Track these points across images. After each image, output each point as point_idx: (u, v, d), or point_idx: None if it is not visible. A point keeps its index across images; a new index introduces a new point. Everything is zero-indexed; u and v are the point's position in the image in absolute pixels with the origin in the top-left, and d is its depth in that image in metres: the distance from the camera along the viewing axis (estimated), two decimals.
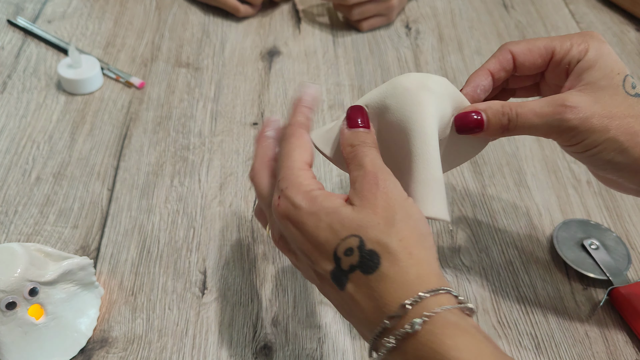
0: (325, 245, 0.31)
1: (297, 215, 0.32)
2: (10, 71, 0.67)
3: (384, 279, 0.30)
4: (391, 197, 0.32)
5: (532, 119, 0.37)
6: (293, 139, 0.35)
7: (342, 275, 0.31)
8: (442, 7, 0.80)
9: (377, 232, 0.30)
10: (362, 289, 0.30)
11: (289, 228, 0.33)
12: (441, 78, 0.38)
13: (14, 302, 0.40)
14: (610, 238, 0.52)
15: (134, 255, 0.50)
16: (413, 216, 0.32)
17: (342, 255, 0.30)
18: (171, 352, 0.44)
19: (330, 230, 0.31)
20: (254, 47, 0.72)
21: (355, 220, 0.31)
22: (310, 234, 0.31)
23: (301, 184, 0.33)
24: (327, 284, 0.32)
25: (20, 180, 0.56)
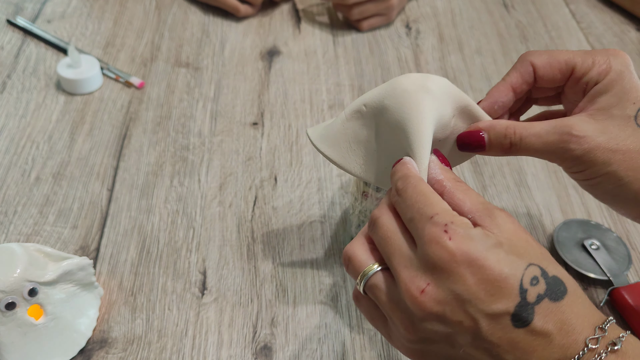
0: (510, 278, 0.28)
1: (477, 250, 0.29)
2: (9, 71, 0.66)
3: (575, 303, 0.29)
4: (526, 231, 0.31)
5: (535, 144, 0.37)
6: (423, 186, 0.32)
7: (527, 309, 0.28)
8: (442, 7, 0.80)
9: (547, 260, 0.30)
10: (552, 317, 0.29)
11: (462, 269, 0.29)
12: (441, 79, 0.38)
13: (13, 302, 0.40)
14: (610, 238, 0.51)
15: (133, 256, 0.50)
16: None
17: (529, 285, 0.29)
18: (171, 352, 0.44)
19: (511, 262, 0.29)
20: (254, 47, 0.72)
21: (521, 251, 0.29)
22: (493, 269, 0.28)
23: (464, 219, 0.30)
24: (497, 330, 0.29)
25: (19, 181, 0.55)
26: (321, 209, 0.55)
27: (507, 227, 0.30)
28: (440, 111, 0.37)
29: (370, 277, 0.32)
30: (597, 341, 0.29)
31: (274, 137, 0.61)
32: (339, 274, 0.50)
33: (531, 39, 0.75)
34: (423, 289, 0.29)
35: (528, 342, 0.29)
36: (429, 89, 0.37)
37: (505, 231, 0.30)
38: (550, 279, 0.29)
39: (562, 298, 0.29)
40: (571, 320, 0.29)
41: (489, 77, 0.69)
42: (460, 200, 0.32)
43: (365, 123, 0.40)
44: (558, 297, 0.29)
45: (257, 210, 0.54)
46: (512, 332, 0.29)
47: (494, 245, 0.29)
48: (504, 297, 0.28)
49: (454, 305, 0.29)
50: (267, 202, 0.55)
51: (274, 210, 0.54)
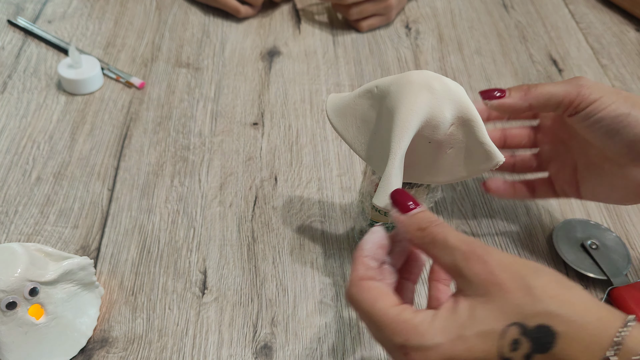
0: (487, 358, 0.27)
1: (442, 354, 0.27)
2: (10, 71, 0.67)
3: (570, 343, 0.26)
4: (506, 264, 0.28)
5: (550, 85, 0.40)
6: (365, 294, 0.31)
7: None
8: (442, 7, 0.80)
9: (526, 306, 0.27)
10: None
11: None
12: (454, 84, 0.38)
13: (14, 302, 0.40)
14: (610, 238, 0.52)
15: (134, 255, 0.50)
16: (535, 267, 0.29)
17: (510, 353, 0.27)
18: (171, 352, 0.45)
19: (482, 339, 0.27)
20: (254, 47, 0.72)
21: (497, 312, 0.27)
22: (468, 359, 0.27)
23: (416, 325, 0.29)
24: None
25: (20, 180, 0.56)
26: (321, 209, 0.55)
27: (477, 282, 0.28)
28: (435, 111, 0.37)
29: None
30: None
31: (274, 137, 0.61)
32: (339, 274, 0.50)
33: (530, 39, 0.75)
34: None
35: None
36: (432, 87, 0.37)
37: (476, 288, 0.28)
38: (534, 332, 0.27)
39: (552, 346, 0.27)
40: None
41: (489, 77, 0.70)
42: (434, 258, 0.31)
43: (373, 104, 0.40)
44: (548, 347, 0.27)
45: (257, 210, 0.54)
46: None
47: (458, 334, 0.28)
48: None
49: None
50: (267, 202, 0.55)
51: (274, 210, 0.55)
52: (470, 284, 0.28)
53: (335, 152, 0.60)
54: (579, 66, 0.72)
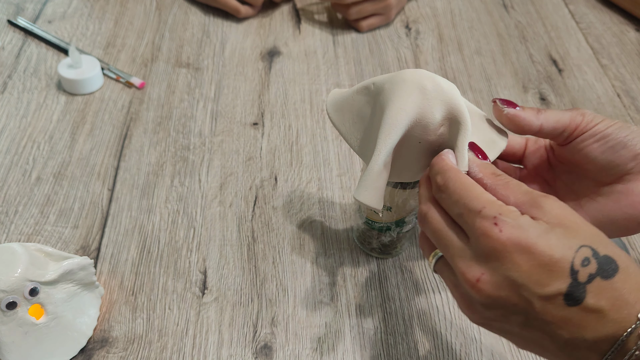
0: (561, 261, 0.30)
1: (528, 238, 0.31)
2: (10, 71, 0.67)
3: (628, 280, 0.30)
4: (575, 213, 0.33)
5: (556, 110, 0.41)
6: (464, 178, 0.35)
7: (579, 288, 0.30)
8: (442, 7, 0.80)
9: (599, 240, 0.31)
10: (605, 294, 0.30)
11: (515, 257, 0.31)
12: (447, 84, 0.38)
13: (14, 302, 0.40)
14: None
15: (134, 255, 0.50)
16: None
17: (580, 267, 0.30)
18: (171, 352, 0.45)
19: (562, 246, 0.30)
20: (254, 47, 0.72)
21: (573, 234, 0.31)
22: (544, 254, 0.30)
23: (511, 209, 0.32)
24: (551, 309, 0.31)
25: (20, 180, 0.56)
26: (321, 208, 0.55)
27: (555, 213, 0.32)
28: (424, 111, 0.37)
29: (437, 260, 0.36)
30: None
31: (274, 137, 0.61)
32: (339, 273, 0.50)
33: (530, 39, 0.75)
34: (478, 277, 0.32)
35: (581, 318, 0.30)
36: (424, 87, 0.37)
37: (554, 217, 0.32)
38: (601, 258, 0.30)
39: (613, 276, 0.30)
40: (624, 296, 0.30)
41: (489, 77, 0.70)
42: (503, 196, 0.34)
43: (369, 100, 0.41)
44: (610, 275, 0.30)
45: (257, 210, 0.54)
46: (564, 310, 0.30)
47: (543, 231, 0.31)
48: (556, 280, 0.30)
49: (509, 290, 0.31)
50: (267, 202, 0.55)
51: (274, 210, 0.55)
52: (548, 214, 0.32)
53: (335, 152, 0.60)
54: (578, 66, 0.72)
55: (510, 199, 0.33)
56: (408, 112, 0.37)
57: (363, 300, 0.48)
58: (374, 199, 0.39)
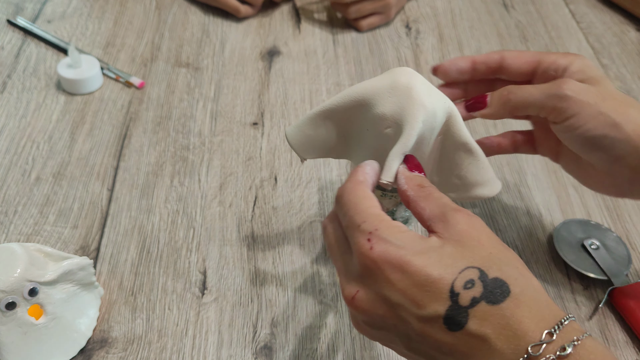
0: (438, 282, 0.28)
1: (400, 255, 0.29)
2: (10, 71, 0.66)
3: (520, 306, 0.28)
4: (485, 230, 0.31)
5: (531, 89, 0.39)
6: (357, 191, 0.33)
7: (460, 312, 0.28)
8: (442, 7, 0.80)
9: (493, 261, 0.29)
10: (490, 320, 0.27)
11: (387, 274, 0.29)
12: (430, 98, 0.37)
13: (13, 302, 0.40)
14: (610, 238, 0.52)
15: (133, 256, 0.50)
16: (508, 247, 0.31)
17: (461, 289, 0.28)
18: (171, 352, 0.44)
19: (443, 265, 0.28)
20: (254, 47, 0.72)
21: (466, 253, 0.29)
22: (419, 273, 0.28)
23: (392, 224, 0.31)
24: (432, 333, 0.29)
25: (20, 180, 0.56)
26: (321, 209, 0.55)
27: (459, 229, 0.30)
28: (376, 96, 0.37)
29: None
30: (540, 348, 0.27)
31: (274, 137, 0.61)
32: None
33: (531, 39, 0.75)
34: (353, 295, 0.31)
35: (466, 346, 0.28)
36: (396, 80, 0.37)
37: (455, 233, 0.30)
38: (489, 281, 0.28)
39: (502, 301, 0.28)
40: (512, 325, 0.27)
41: None
42: (421, 208, 0.32)
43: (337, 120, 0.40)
44: (497, 300, 0.28)
45: (257, 210, 0.54)
46: (447, 335, 0.28)
47: (423, 251, 0.29)
48: (433, 301, 0.28)
49: (385, 308, 0.30)
50: (267, 202, 0.55)
51: (274, 210, 0.54)
52: (450, 229, 0.30)
53: None
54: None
55: (426, 212, 0.32)
56: (366, 86, 0.37)
57: None
58: (298, 142, 0.39)
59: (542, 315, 0.28)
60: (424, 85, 0.37)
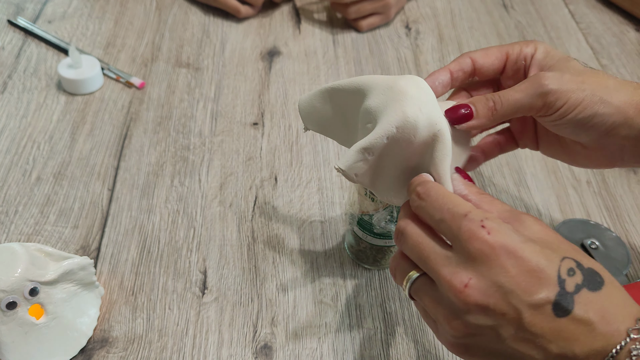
0: (547, 269, 0.29)
1: (515, 243, 0.30)
2: (10, 71, 0.67)
3: (614, 294, 0.30)
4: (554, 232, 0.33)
5: (514, 95, 0.39)
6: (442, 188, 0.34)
7: (567, 298, 0.29)
8: (442, 7, 0.80)
9: (581, 254, 0.31)
10: (593, 306, 0.29)
11: (503, 260, 0.30)
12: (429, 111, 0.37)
13: (14, 302, 0.40)
14: (609, 238, 0.52)
15: (134, 255, 0.50)
16: None
17: (566, 276, 0.30)
18: (171, 351, 0.45)
19: (546, 254, 0.30)
20: (254, 47, 0.72)
21: (555, 246, 0.31)
22: (530, 261, 0.30)
23: (494, 215, 0.32)
24: (539, 320, 0.29)
25: (20, 180, 0.56)
26: (321, 209, 0.55)
27: (536, 229, 0.32)
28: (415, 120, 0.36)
29: (414, 282, 0.34)
30: (639, 332, 0.29)
31: (274, 137, 0.61)
32: (338, 274, 0.50)
33: (531, 39, 0.75)
34: (466, 283, 0.30)
35: (570, 331, 0.29)
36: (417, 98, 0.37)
37: (535, 232, 0.31)
38: (586, 271, 0.30)
39: (600, 288, 0.30)
40: (611, 310, 0.29)
41: None
42: (486, 211, 0.33)
43: (348, 102, 0.40)
44: (596, 287, 0.30)
45: (257, 210, 0.54)
46: (554, 322, 0.29)
47: (528, 240, 0.30)
48: (544, 288, 0.29)
49: (498, 296, 0.30)
50: (267, 202, 0.55)
51: (274, 210, 0.55)
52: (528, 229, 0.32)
53: (335, 152, 0.60)
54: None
55: (494, 214, 0.33)
56: (371, 79, 0.38)
57: (363, 300, 0.48)
58: (305, 111, 0.41)
59: (631, 303, 0.30)
60: (421, 97, 0.36)
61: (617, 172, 0.59)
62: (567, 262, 0.30)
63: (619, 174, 0.59)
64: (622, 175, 0.59)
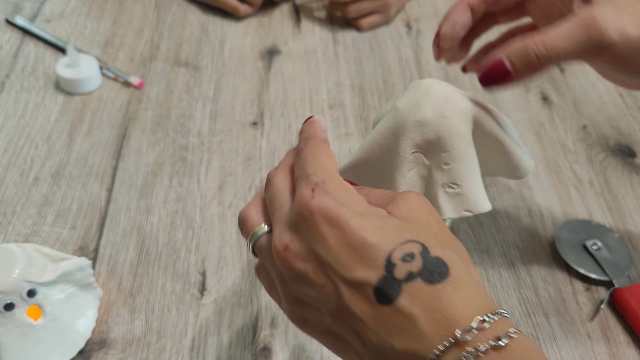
0: (375, 248, 0.26)
1: (340, 212, 0.27)
2: (8, 71, 0.66)
3: (456, 291, 0.26)
4: (437, 214, 0.29)
5: (564, 45, 0.33)
6: (320, 148, 0.31)
7: (393, 285, 0.26)
8: (443, 6, 0.79)
9: (438, 241, 0.27)
10: (423, 300, 0.25)
11: (321, 228, 0.27)
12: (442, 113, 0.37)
13: (12, 303, 0.40)
14: (612, 239, 0.51)
15: (132, 256, 0.50)
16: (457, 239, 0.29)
17: (399, 261, 0.26)
18: (170, 353, 0.44)
19: (383, 233, 0.27)
20: (254, 46, 0.71)
21: (412, 227, 0.27)
22: (355, 235, 0.26)
23: (341, 182, 0.29)
24: (359, 302, 0.26)
25: (18, 181, 0.55)
26: None
27: (408, 207, 0.29)
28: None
29: (259, 237, 0.31)
30: (469, 333, 0.24)
31: (273, 137, 0.61)
32: None
33: None
34: (286, 244, 0.28)
35: (392, 322, 0.26)
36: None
37: (404, 210, 0.28)
38: (430, 259, 0.26)
39: (439, 282, 0.26)
40: (444, 309, 0.25)
41: None
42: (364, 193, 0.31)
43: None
44: (434, 279, 0.26)
45: None
46: (375, 308, 0.26)
47: (364, 213, 0.27)
48: (366, 267, 0.26)
49: (315, 265, 0.27)
50: None
51: None
52: (400, 206, 0.29)
53: (335, 152, 0.60)
54: (581, 65, 0.71)
55: (371, 200, 0.30)
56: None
57: None
58: None
59: (478, 305, 0.26)
60: (441, 92, 0.36)
61: (620, 173, 0.59)
62: (410, 245, 0.26)
63: (621, 174, 0.59)
64: (624, 175, 0.59)
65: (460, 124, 0.36)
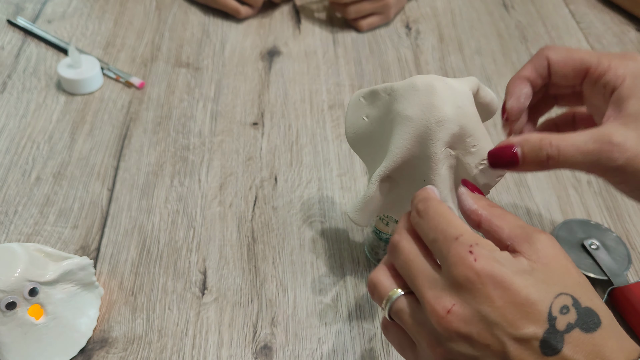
0: (537, 304, 0.28)
1: (503, 273, 0.28)
2: (10, 71, 0.67)
3: (609, 337, 0.28)
4: (568, 257, 0.31)
5: (575, 155, 0.34)
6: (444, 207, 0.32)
7: (556, 336, 0.28)
8: (442, 7, 0.80)
9: (582, 290, 0.29)
10: (583, 348, 0.28)
11: (488, 290, 0.28)
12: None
13: (13, 302, 0.40)
14: (610, 238, 0.52)
15: (134, 256, 0.50)
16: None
17: (558, 313, 0.28)
18: (171, 352, 0.44)
19: (540, 288, 0.28)
20: (254, 47, 0.72)
21: (557, 279, 0.29)
22: (519, 293, 0.28)
23: (488, 241, 0.30)
24: (526, 356, 0.28)
25: (20, 181, 0.56)
26: (321, 209, 0.55)
27: (546, 253, 0.30)
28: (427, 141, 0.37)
29: (395, 301, 0.32)
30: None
31: (274, 137, 0.61)
32: (338, 274, 0.50)
33: (531, 39, 0.75)
34: (449, 309, 0.29)
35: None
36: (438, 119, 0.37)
37: (543, 257, 0.30)
38: (582, 310, 0.28)
39: (594, 330, 0.28)
40: (604, 353, 0.28)
41: (489, 77, 0.69)
42: (497, 227, 0.32)
43: (379, 115, 0.40)
44: (590, 328, 0.28)
45: (257, 210, 0.54)
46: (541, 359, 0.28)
47: (521, 271, 0.29)
48: (532, 323, 0.28)
49: (481, 327, 0.28)
50: (267, 202, 0.55)
51: (274, 210, 0.54)
52: (537, 252, 0.30)
53: (335, 152, 0.60)
54: None
55: (505, 231, 0.31)
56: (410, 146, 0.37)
57: (363, 301, 0.48)
58: (364, 219, 0.40)
59: (627, 347, 0.28)
60: (443, 90, 0.36)
61: None
62: (563, 298, 0.28)
63: None
64: None
65: (472, 107, 0.37)
